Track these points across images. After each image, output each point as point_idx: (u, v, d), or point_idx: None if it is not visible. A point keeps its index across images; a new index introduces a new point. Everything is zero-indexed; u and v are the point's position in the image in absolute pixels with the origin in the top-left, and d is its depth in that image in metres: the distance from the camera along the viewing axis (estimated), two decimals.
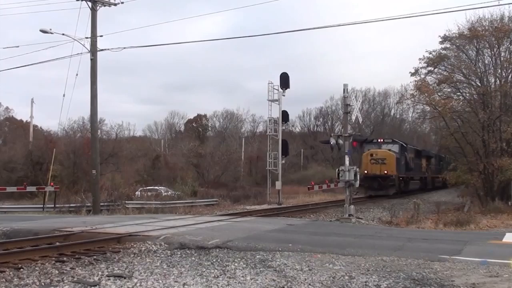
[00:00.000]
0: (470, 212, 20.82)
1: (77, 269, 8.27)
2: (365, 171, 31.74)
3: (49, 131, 47.35)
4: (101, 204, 23.17)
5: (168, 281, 7.41)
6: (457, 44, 25.08)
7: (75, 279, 7.55)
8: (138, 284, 7.23)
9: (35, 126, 50.53)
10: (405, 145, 36.12)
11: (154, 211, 23.00)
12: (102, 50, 23.07)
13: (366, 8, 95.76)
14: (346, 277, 7.73)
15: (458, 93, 25.86)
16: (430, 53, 25.00)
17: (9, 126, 59.96)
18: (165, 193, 31.07)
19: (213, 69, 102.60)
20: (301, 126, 71.76)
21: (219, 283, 7.33)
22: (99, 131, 32.05)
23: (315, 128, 71.41)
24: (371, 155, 33.07)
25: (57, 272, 8.03)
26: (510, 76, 24.60)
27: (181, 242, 10.57)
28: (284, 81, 28.90)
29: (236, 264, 8.74)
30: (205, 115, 74.72)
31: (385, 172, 32.08)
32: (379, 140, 35.54)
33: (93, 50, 22.68)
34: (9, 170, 35.82)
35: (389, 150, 33.78)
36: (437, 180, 46.78)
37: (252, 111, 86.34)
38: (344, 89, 19.46)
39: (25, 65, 46.28)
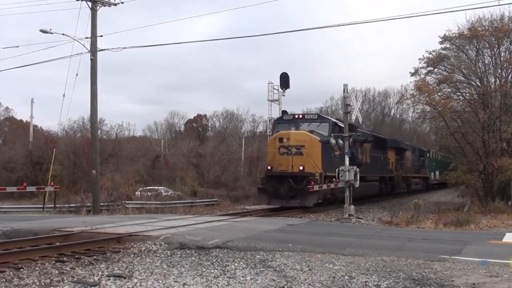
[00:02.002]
0: (470, 212, 20.84)
1: (77, 269, 8.27)
2: (269, 167, 21.09)
3: (49, 131, 47.38)
4: (101, 204, 23.17)
5: (168, 281, 7.41)
6: (457, 44, 25.07)
7: (75, 279, 7.55)
8: (138, 284, 7.23)
9: (35, 126, 50.55)
10: (341, 124, 21.91)
11: (154, 211, 22.99)
12: (102, 50, 23.09)
13: (363, 8, 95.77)
14: (346, 277, 7.72)
15: (458, 93, 25.85)
16: (430, 53, 25.00)
17: (9, 126, 59.95)
18: (165, 193, 31.07)
19: (212, 69, 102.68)
20: None
21: (219, 283, 7.33)
22: (99, 131, 32.03)
23: None
24: (280, 140, 20.62)
25: (57, 272, 8.03)
26: (510, 76, 24.60)
27: (181, 242, 10.57)
28: (284, 81, 28.91)
29: (236, 264, 8.73)
30: (205, 115, 74.80)
31: (301, 168, 20.19)
32: (296, 116, 22.89)
33: (93, 50, 22.69)
34: (9, 170, 35.80)
35: (311, 132, 21.45)
36: (414, 181, 38.60)
37: (252, 111, 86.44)
38: (344, 89, 19.47)
39: (25, 65, 46.34)
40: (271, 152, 21.42)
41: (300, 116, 22.91)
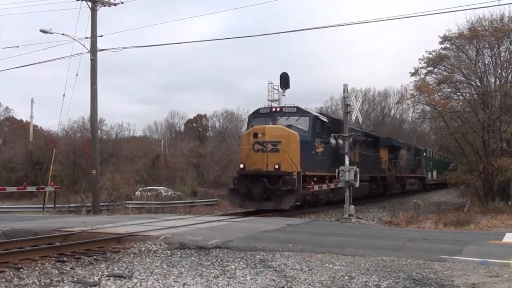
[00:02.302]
0: (470, 212, 20.83)
1: (77, 269, 8.27)
2: (241, 166, 19.19)
3: (49, 131, 47.40)
4: (101, 204, 23.19)
5: (168, 281, 7.41)
6: (457, 44, 25.08)
7: (75, 279, 7.55)
8: (138, 284, 7.23)
9: (35, 126, 50.61)
10: (325, 119, 21.64)
11: (154, 211, 23.01)
12: (102, 50, 23.14)
13: (363, 8, 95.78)
14: (346, 277, 7.72)
15: (458, 93, 25.87)
16: (430, 53, 25.03)
17: (9, 126, 59.97)
18: (165, 193, 31.09)
19: (212, 69, 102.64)
20: None
21: (219, 283, 7.33)
22: (99, 131, 32.06)
23: None
24: (255, 135, 18.68)
25: (57, 272, 8.03)
26: (510, 76, 24.61)
27: (181, 242, 10.57)
28: (284, 81, 28.82)
29: (236, 264, 8.73)
30: (205, 115, 74.76)
31: (276, 166, 18.25)
32: (273, 109, 20.71)
33: (93, 50, 22.72)
34: (9, 170, 35.82)
35: (289, 126, 19.55)
36: (409, 181, 36.92)
37: (252, 111, 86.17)
38: (344, 89, 19.48)
39: (25, 65, 46.48)
40: (244, 149, 19.37)
41: (278, 109, 20.64)
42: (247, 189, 18.44)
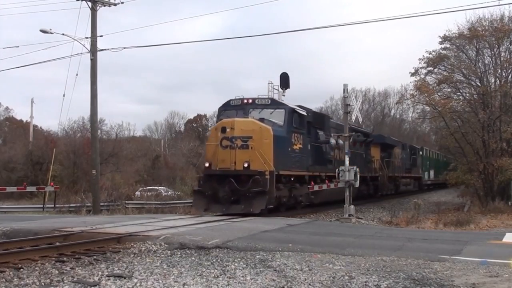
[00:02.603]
0: (470, 212, 20.84)
1: (77, 269, 8.27)
2: (207, 164, 17.21)
3: (49, 131, 47.40)
4: (101, 204, 23.18)
5: (168, 281, 7.41)
6: (457, 44, 25.11)
7: (75, 279, 7.55)
8: (138, 284, 7.23)
9: (35, 126, 50.61)
10: (303, 112, 19.49)
11: (154, 211, 23.00)
12: (102, 50, 23.15)
13: (363, 8, 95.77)
14: (346, 277, 7.72)
15: (458, 93, 25.90)
16: (430, 53, 25.06)
17: (9, 126, 59.95)
18: (165, 193, 31.06)
19: (212, 69, 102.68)
20: None
21: (219, 283, 7.33)
22: (99, 131, 32.05)
23: None
24: (223, 130, 16.71)
25: (57, 272, 8.03)
26: (510, 76, 24.64)
27: (181, 242, 10.57)
28: (284, 81, 28.78)
29: (236, 264, 8.73)
30: (205, 115, 74.69)
31: (246, 165, 16.34)
32: (245, 101, 18.58)
33: (93, 50, 22.72)
34: (9, 170, 35.83)
35: (262, 120, 17.59)
36: (403, 182, 34.99)
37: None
38: (344, 89, 19.48)
39: (25, 65, 46.37)
40: (211, 146, 17.33)
41: (250, 101, 18.49)
42: (213, 190, 16.47)
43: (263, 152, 16.52)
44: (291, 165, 18.09)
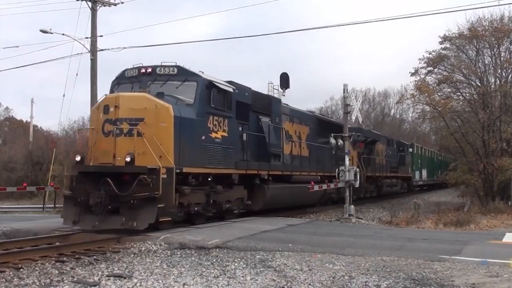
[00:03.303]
0: (470, 212, 20.83)
1: (77, 269, 8.27)
2: (78, 158, 12.58)
3: (49, 131, 47.36)
4: None
5: (168, 281, 7.41)
6: (457, 44, 25.11)
7: (75, 279, 7.55)
8: (138, 284, 7.23)
9: (35, 126, 50.54)
10: (228, 89, 14.29)
11: None
12: (102, 50, 23.17)
13: (362, 8, 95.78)
14: (346, 277, 7.73)
15: (458, 93, 25.90)
16: (430, 53, 25.07)
17: (9, 126, 59.93)
18: None
19: (212, 69, 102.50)
20: None
21: (219, 283, 7.33)
22: None
23: None
24: (106, 109, 12.12)
25: (57, 272, 8.04)
26: (510, 76, 24.64)
27: (181, 242, 10.57)
28: (284, 81, 28.74)
29: (236, 264, 8.74)
30: None
31: (128, 159, 11.56)
32: (142, 71, 13.56)
33: (93, 50, 22.75)
34: (9, 170, 35.79)
35: (160, 95, 12.56)
36: (388, 182, 30.04)
37: None
38: (344, 89, 19.47)
39: (25, 65, 46.48)
40: (93, 133, 12.48)
41: (149, 69, 13.51)
42: (86, 195, 11.61)
43: (159, 140, 11.72)
44: (208, 160, 13.16)
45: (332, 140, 20.05)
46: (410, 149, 37.82)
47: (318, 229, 13.98)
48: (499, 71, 24.61)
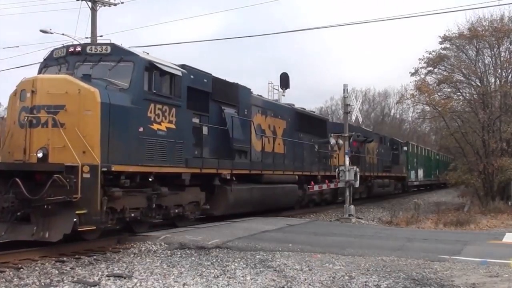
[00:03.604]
0: (470, 212, 20.84)
1: (77, 269, 8.28)
2: None
3: None
4: None
5: (168, 281, 7.41)
6: (457, 44, 25.12)
7: (75, 279, 7.56)
8: (138, 284, 7.23)
9: None
10: (175, 71, 11.93)
11: None
12: None
13: (362, 8, 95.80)
14: (346, 277, 7.73)
15: (458, 93, 25.92)
16: (430, 53, 25.09)
17: None
18: None
19: (212, 69, 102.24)
20: None
21: (219, 283, 7.33)
22: None
23: None
24: (23, 95, 10.03)
25: (57, 272, 8.04)
26: (510, 76, 24.65)
27: (181, 242, 10.58)
28: (284, 81, 28.76)
29: (236, 264, 8.74)
30: None
31: (40, 155, 9.47)
32: (71, 50, 11.33)
33: None
34: None
35: (85, 78, 10.34)
36: (379, 183, 28.24)
37: None
38: (344, 89, 19.48)
39: (25, 65, 46.29)
40: (9, 123, 10.73)
41: (78, 48, 11.46)
42: None
43: (82, 132, 9.75)
44: (147, 156, 10.98)
45: (332, 140, 20.03)
46: (405, 148, 35.68)
47: (318, 229, 13.99)
48: (499, 71, 24.62)
